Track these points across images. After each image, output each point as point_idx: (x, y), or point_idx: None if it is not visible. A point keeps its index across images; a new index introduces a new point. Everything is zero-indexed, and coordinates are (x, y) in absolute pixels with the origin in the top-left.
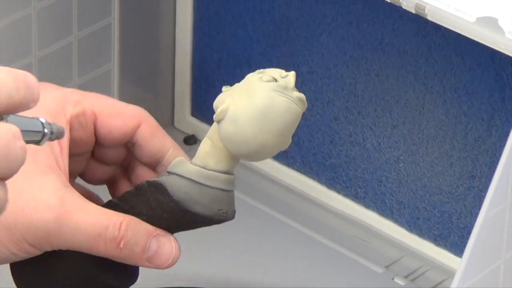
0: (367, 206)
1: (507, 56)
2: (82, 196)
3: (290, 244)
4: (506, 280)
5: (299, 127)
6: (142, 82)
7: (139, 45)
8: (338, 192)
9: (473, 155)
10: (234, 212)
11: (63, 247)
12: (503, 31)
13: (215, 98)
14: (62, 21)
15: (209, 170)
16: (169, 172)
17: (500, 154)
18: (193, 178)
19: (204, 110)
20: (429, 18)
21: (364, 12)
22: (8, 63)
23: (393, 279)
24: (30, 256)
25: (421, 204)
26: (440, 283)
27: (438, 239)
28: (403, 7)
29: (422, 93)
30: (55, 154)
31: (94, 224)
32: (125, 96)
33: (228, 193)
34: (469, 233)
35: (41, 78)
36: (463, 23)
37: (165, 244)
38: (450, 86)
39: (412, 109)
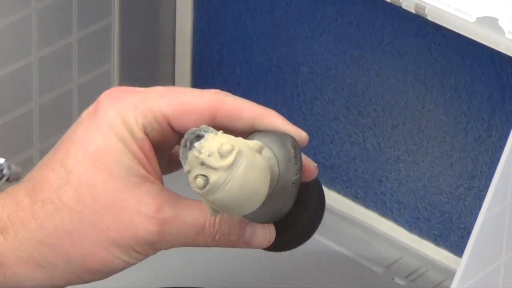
0: (367, 206)
1: (507, 56)
2: (176, 195)
3: None
4: (506, 280)
5: (299, 127)
6: (142, 82)
7: (139, 45)
8: (338, 192)
9: (473, 155)
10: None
11: (166, 248)
12: (503, 31)
13: None
14: (62, 21)
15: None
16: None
17: (500, 154)
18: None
19: None
20: (429, 18)
21: (364, 12)
22: (8, 63)
23: (393, 279)
24: (139, 261)
25: (421, 204)
26: (440, 283)
27: (438, 239)
28: (403, 7)
29: (422, 93)
30: (143, 161)
31: (193, 225)
32: None
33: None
34: (469, 233)
35: (41, 78)
36: (463, 23)
37: (259, 228)
38: (450, 86)
39: (412, 109)
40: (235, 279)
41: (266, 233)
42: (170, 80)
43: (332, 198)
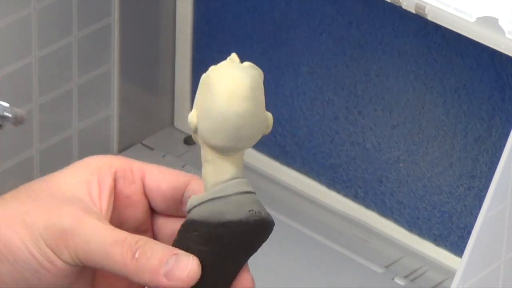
0: (367, 206)
1: (507, 56)
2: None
3: (290, 244)
4: (506, 280)
5: (299, 127)
6: (142, 82)
7: (139, 45)
8: (338, 192)
9: (473, 155)
10: (268, 214)
11: (80, 254)
12: (503, 31)
13: None
14: (62, 21)
15: (219, 184)
16: (188, 212)
17: (500, 154)
18: (209, 197)
19: None
20: (429, 18)
21: (364, 12)
22: (8, 63)
23: (393, 279)
24: (53, 268)
25: (421, 204)
26: (440, 283)
27: (438, 239)
28: (403, 7)
29: (422, 93)
30: (93, 195)
31: (112, 231)
32: (125, 96)
33: (249, 195)
34: (469, 233)
35: (41, 78)
36: (463, 23)
37: (183, 259)
38: (450, 86)
39: (412, 109)
40: None
41: (190, 261)
42: (170, 80)
43: (332, 198)
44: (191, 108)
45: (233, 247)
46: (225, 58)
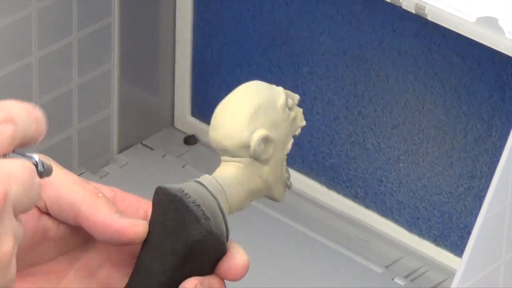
0: (367, 206)
1: (507, 56)
2: None
3: (290, 244)
4: (506, 280)
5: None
6: (142, 82)
7: (139, 45)
8: (338, 192)
9: (473, 155)
10: (200, 209)
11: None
12: (503, 31)
13: (215, 98)
14: (62, 21)
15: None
16: None
17: (500, 154)
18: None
19: (204, 110)
20: (429, 18)
21: (364, 12)
22: (8, 63)
23: (393, 279)
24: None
25: (421, 204)
26: (440, 283)
27: (438, 239)
28: (403, 7)
29: (422, 93)
30: None
31: (73, 175)
32: (125, 96)
33: (200, 186)
34: (469, 233)
35: (41, 78)
36: (463, 23)
37: (137, 219)
38: (450, 86)
39: (412, 109)
40: None
41: (141, 220)
42: (170, 80)
43: (332, 198)
44: (191, 108)
45: (161, 217)
46: (225, 58)
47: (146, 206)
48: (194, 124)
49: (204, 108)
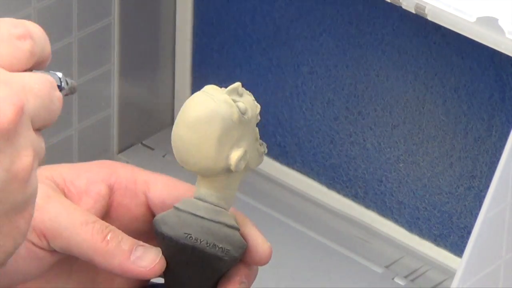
0: (367, 206)
1: (507, 56)
2: None
3: (290, 244)
4: (506, 280)
5: (299, 127)
6: (142, 82)
7: (139, 45)
8: (338, 192)
9: (473, 155)
10: (218, 247)
11: (47, 232)
12: (503, 31)
13: None
14: (62, 21)
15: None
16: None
17: (500, 154)
18: (176, 206)
19: None
20: (429, 18)
21: (364, 12)
22: None
23: (393, 279)
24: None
25: (421, 204)
26: (440, 283)
27: (438, 239)
28: (403, 7)
29: (422, 93)
30: (71, 193)
31: (83, 211)
32: (125, 96)
33: (200, 220)
34: (469, 233)
35: None
36: (463, 23)
37: (151, 249)
38: (450, 86)
39: (412, 109)
40: None
41: (157, 256)
42: (170, 80)
43: (332, 198)
44: None
45: (181, 258)
46: (225, 58)
47: (142, 187)
48: None
49: None
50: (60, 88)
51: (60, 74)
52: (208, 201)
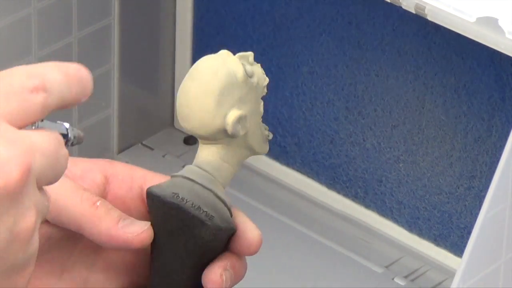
0: (367, 206)
1: (507, 56)
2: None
3: (290, 244)
4: (506, 280)
5: (299, 127)
6: (142, 82)
7: (139, 45)
8: (338, 192)
9: (473, 155)
10: (202, 210)
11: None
12: (503, 31)
13: None
14: (62, 21)
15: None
16: None
17: (500, 154)
18: (173, 174)
19: None
20: (429, 18)
21: (364, 12)
22: (8, 63)
23: (393, 279)
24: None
25: (421, 204)
26: (440, 283)
27: (438, 239)
28: (403, 7)
29: (422, 93)
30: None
31: (72, 182)
32: (125, 96)
33: (191, 183)
34: (469, 233)
35: None
36: (463, 23)
37: (138, 221)
38: (450, 86)
39: (412, 109)
40: None
41: (145, 225)
42: (170, 80)
43: (332, 198)
44: None
45: (166, 225)
46: None
47: (139, 182)
48: None
49: None
50: (66, 139)
51: (67, 125)
52: (203, 168)
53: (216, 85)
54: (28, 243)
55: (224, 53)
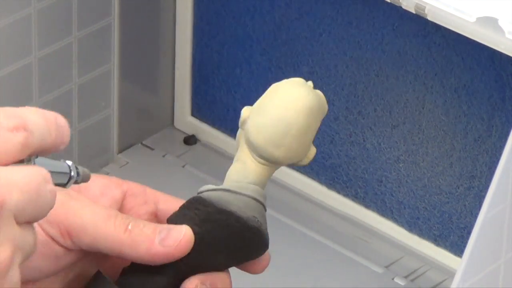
0: (367, 206)
1: (507, 56)
2: None
3: (290, 244)
4: (506, 280)
5: None
6: (142, 82)
7: (139, 45)
8: (338, 192)
9: (473, 155)
10: (267, 232)
11: (71, 229)
12: (503, 31)
13: (215, 98)
14: (62, 21)
15: (239, 182)
16: (199, 193)
17: (500, 154)
18: (225, 187)
19: (204, 110)
20: (429, 18)
21: (364, 12)
22: (8, 63)
23: (393, 279)
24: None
25: (421, 204)
26: (440, 283)
27: (438, 239)
28: (403, 7)
29: (422, 93)
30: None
31: (104, 207)
32: (125, 96)
33: (259, 205)
34: (469, 233)
35: (41, 78)
36: (463, 23)
37: (176, 228)
38: (450, 86)
39: (412, 109)
40: (235, 279)
41: (183, 229)
42: (170, 80)
43: (332, 198)
44: (191, 108)
45: (222, 241)
46: (225, 58)
47: (152, 197)
48: (194, 124)
49: (204, 108)
50: (70, 177)
51: (70, 163)
52: (261, 187)
53: (316, 124)
54: (4, 278)
55: (319, 94)
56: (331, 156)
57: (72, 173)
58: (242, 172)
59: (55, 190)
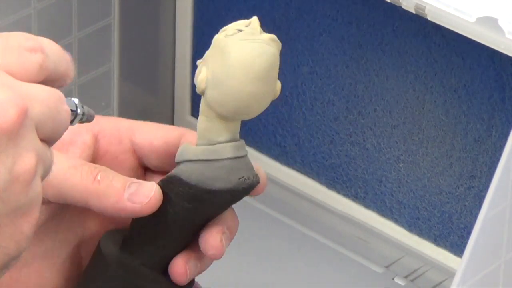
0: (367, 206)
1: (507, 56)
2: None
3: (290, 244)
4: (506, 280)
5: (299, 127)
6: (142, 82)
7: (139, 45)
8: (338, 192)
9: (473, 155)
10: (256, 175)
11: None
12: (503, 31)
13: None
14: (62, 21)
15: (214, 144)
16: (177, 163)
17: (500, 154)
18: (201, 158)
19: None
20: (429, 18)
21: (364, 12)
22: None
23: (393, 279)
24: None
25: (421, 204)
26: (440, 283)
27: (438, 239)
28: (403, 7)
29: (422, 93)
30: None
31: (69, 157)
32: (125, 96)
33: (242, 159)
34: (469, 233)
35: None
36: (463, 23)
37: (146, 184)
38: (450, 86)
39: (412, 109)
40: (235, 279)
41: (154, 186)
42: (170, 80)
43: (332, 198)
44: (191, 108)
45: (216, 208)
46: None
47: (127, 133)
48: (194, 124)
49: None
50: (75, 114)
51: (76, 100)
52: (236, 139)
53: (275, 77)
54: (28, 186)
55: (271, 40)
56: (331, 156)
57: (79, 111)
58: (213, 131)
59: (69, 110)
